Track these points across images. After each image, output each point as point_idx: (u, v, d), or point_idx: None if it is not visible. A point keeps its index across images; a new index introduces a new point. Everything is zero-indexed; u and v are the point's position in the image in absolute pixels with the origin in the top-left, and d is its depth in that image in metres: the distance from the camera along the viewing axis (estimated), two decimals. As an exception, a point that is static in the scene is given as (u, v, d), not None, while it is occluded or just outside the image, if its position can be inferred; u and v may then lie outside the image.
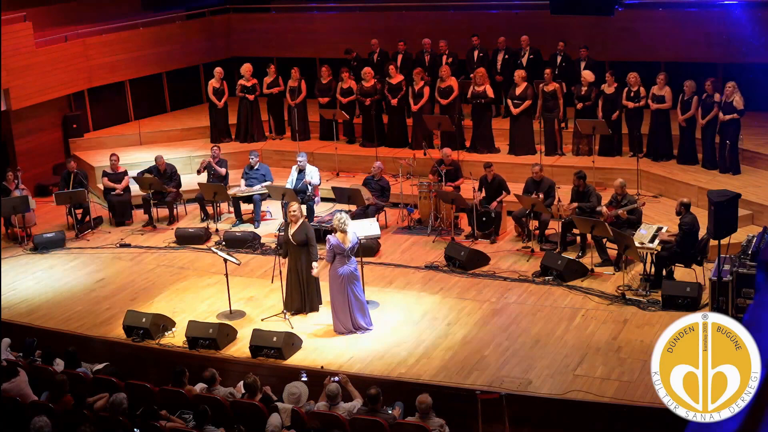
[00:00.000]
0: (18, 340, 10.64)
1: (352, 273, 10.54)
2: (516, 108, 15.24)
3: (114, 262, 13.41)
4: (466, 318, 10.91)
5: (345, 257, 10.50)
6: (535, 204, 12.53)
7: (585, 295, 11.32)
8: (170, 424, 8.43)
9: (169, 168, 14.90)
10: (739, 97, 13.51)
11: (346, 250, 10.45)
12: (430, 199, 13.75)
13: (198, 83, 19.83)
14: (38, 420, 7.90)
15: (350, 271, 10.53)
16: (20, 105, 16.25)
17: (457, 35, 17.17)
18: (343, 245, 10.44)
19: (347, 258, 10.51)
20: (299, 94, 16.73)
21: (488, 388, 9.19)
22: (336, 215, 10.63)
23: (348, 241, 10.47)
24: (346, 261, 10.51)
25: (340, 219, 10.49)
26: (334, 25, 19.35)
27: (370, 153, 15.97)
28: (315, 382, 9.16)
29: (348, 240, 10.47)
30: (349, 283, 10.53)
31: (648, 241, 11.19)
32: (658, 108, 14.42)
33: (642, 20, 16.73)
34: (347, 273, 10.51)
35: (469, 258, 12.30)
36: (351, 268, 10.54)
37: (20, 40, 16.03)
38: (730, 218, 9.92)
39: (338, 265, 10.51)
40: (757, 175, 13.82)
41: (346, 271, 10.50)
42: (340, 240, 10.47)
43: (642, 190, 14.12)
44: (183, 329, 10.70)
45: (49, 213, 15.44)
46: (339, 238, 10.48)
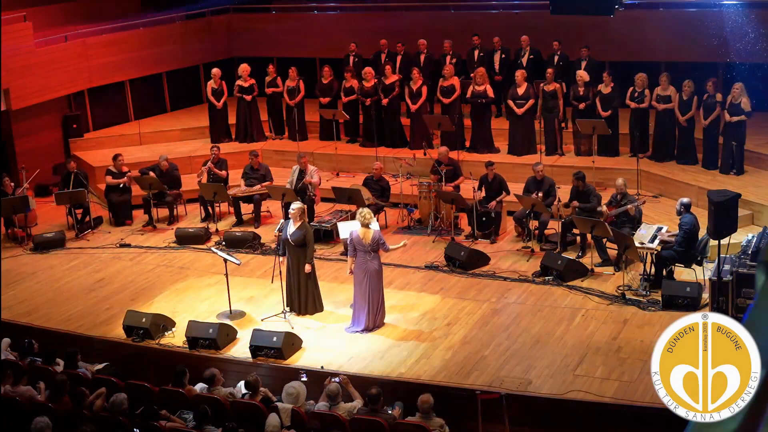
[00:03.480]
0: (18, 341, 10.64)
1: (375, 270, 10.52)
2: (519, 108, 15.24)
3: (114, 262, 13.40)
4: (466, 318, 10.91)
5: (367, 253, 10.46)
6: (535, 204, 12.53)
7: (585, 295, 11.32)
8: (170, 424, 8.43)
9: (171, 168, 14.90)
10: (747, 99, 13.51)
11: (366, 245, 10.42)
12: (430, 199, 13.75)
13: (198, 83, 19.83)
14: (39, 420, 7.91)
15: (374, 268, 10.51)
16: (20, 105, 16.25)
17: (457, 35, 17.16)
18: (363, 241, 10.41)
19: (369, 254, 10.47)
20: (297, 94, 16.74)
21: (488, 388, 9.19)
22: (360, 210, 10.59)
23: (369, 237, 10.43)
24: (368, 257, 10.47)
25: (362, 213, 10.46)
26: (334, 25, 19.35)
27: (370, 153, 15.97)
28: (315, 382, 9.16)
29: (369, 236, 10.43)
30: (373, 281, 10.50)
31: (648, 241, 11.19)
32: (666, 108, 14.38)
33: (642, 20, 16.73)
34: (371, 269, 10.48)
35: (469, 258, 12.30)
36: (374, 264, 10.52)
37: (20, 40, 16.02)
38: (730, 218, 9.91)
39: (361, 261, 10.49)
40: (757, 175, 13.82)
41: (370, 267, 10.48)
42: (361, 235, 10.44)
43: (642, 190, 14.12)
44: (183, 329, 10.70)
45: (49, 213, 15.44)
46: (360, 233, 10.45)
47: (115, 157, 15.06)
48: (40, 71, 16.56)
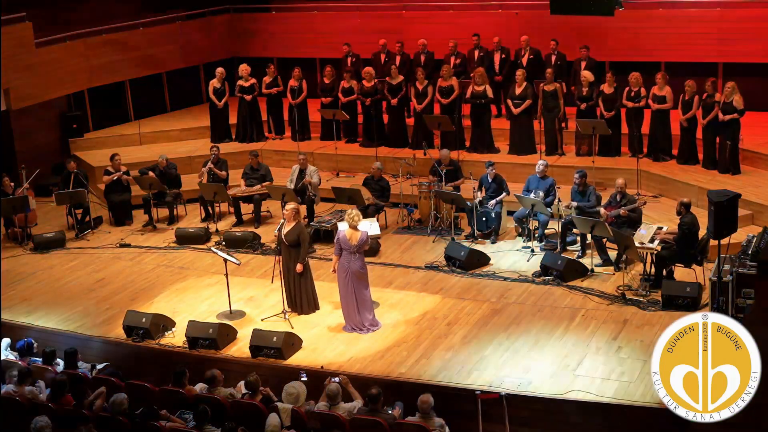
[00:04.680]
0: (18, 340, 10.66)
1: (357, 271, 10.54)
2: (516, 108, 15.24)
3: (114, 262, 13.40)
4: (466, 318, 10.91)
5: (351, 254, 10.50)
6: (535, 204, 12.53)
7: (585, 295, 11.32)
8: (170, 424, 8.44)
9: (169, 166, 14.89)
10: (739, 97, 13.50)
11: (351, 246, 10.44)
12: (430, 199, 13.76)
13: (198, 83, 19.83)
14: (38, 420, 7.91)
15: (356, 269, 10.53)
16: (20, 105, 16.24)
17: (457, 35, 17.15)
18: (350, 242, 10.44)
19: (354, 255, 10.51)
20: (300, 94, 16.74)
21: (488, 388, 9.20)
22: (349, 211, 10.61)
23: (356, 239, 10.46)
24: (352, 258, 10.51)
25: (351, 215, 10.48)
26: (334, 25, 19.34)
27: (370, 153, 15.98)
28: (315, 382, 9.16)
29: (356, 237, 10.47)
30: (355, 281, 10.53)
31: (648, 241, 11.19)
32: (659, 108, 14.41)
33: (642, 20, 16.73)
34: (353, 270, 10.50)
35: (469, 258, 12.30)
36: (356, 266, 10.53)
37: (20, 40, 16.02)
38: (730, 218, 9.91)
39: (345, 261, 10.52)
40: (757, 175, 13.81)
41: (352, 268, 10.50)
42: (348, 236, 10.47)
43: (642, 190, 14.12)
44: (183, 329, 10.71)
45: (49, 213, 15.44)
46: (347, 234, 10.48)
47: (112, 157, 15.07)
48: (40, 71, 16.55)
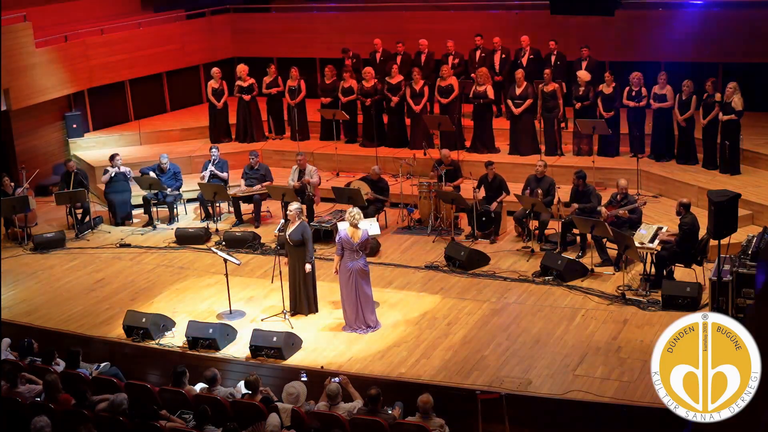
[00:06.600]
0: (18, 340, 10.64)
1: (361, 269, 10.54)
2: (517, 108, 15.24)
3: (114, 262, 13.41)
4: (466, 318, 10.92)
5: (354, 252, 10.50)
6: (535, 204, 12.53)
7: (585, 295, 11.33)
8: (170, 424, 8.43)
9: (171, 167, 14.89)
10: (739, 98, 13.49)
11: (354, 245, 10.45)
12: (430, 199, 13.76)
13: (198, 83, 19.83)
14: (38, 420, 7.91)
15: (359, 267, 10.53)
16: (20, 105, 16.23)
17: (457, 35, 17.15)
18: (352, 240, 10.45)
19: (356, 253, 10.51)
20: (299, 94, 16.74)
21: (488, 388, 9.20)
22: (350, 209, 10.63)
23: (358, 237, 10.47)
24: (355, 257, 10.51)
25: (352, 213, 10.49)
26: (334, 25, 19.35)
27: (370, 153, 15.98)
28: (315, 382, 9.16)
29: (358, 235, 10.48)
30: (358, 279, 10.53)
31: (648, 241, 11.19)
32: (660, 107, 14.40)
33: (642, 20, 16.73)
34: (356, 268, 10.51)
35: (469, 258, 12.30)
36: (360, 263, 10.54)
37: (20, 40, 16.02)
38: (730, 218, 9.91)
39: (347, 260, 10.54)
40: (757, 175, 13.81)
41: (355, 266, 10.51)
42: (350, 234, 10.48)
43: (642, 190, 14.12)
44: (183, 329, 10.71)
45: (49, 213, 15.45)
46: (349, 232, 10.49)
47: (111, 157, 15.07)
48: (40, 71, 16.56)
